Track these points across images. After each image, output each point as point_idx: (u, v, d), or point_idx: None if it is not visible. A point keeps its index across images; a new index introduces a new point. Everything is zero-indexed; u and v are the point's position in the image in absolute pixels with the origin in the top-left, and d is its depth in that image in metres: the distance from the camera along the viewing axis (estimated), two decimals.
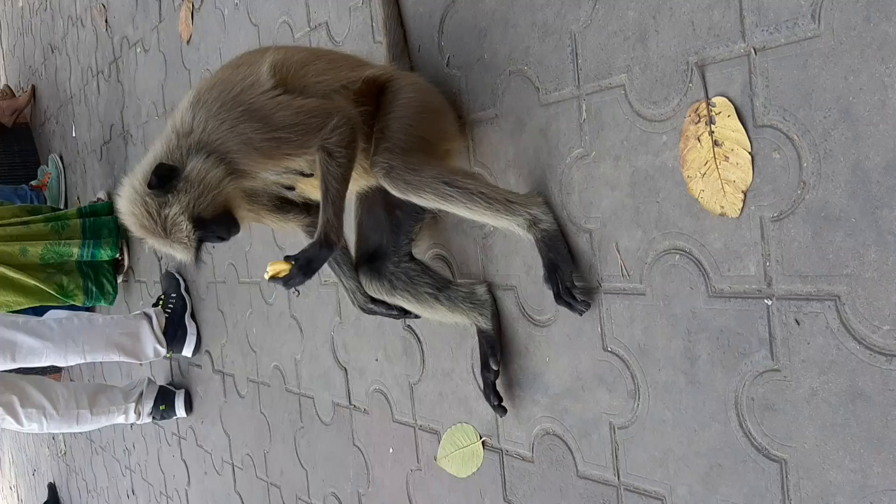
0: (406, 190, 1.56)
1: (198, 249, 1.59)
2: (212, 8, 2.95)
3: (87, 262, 3.86)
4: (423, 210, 1.87)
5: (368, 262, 1.85)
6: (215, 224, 1.57)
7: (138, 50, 3.78)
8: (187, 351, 3.47)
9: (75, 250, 3.70)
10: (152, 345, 3.37)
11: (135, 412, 3.65)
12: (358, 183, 1.75)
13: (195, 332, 3.47)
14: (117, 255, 3.96)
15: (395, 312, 1.88)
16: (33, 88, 5.76)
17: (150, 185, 1.51)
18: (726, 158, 1.26)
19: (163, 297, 3.52)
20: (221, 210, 1.57)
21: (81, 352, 3.22)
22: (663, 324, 1.39)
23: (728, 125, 1.25)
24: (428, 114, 1.68)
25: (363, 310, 1.90)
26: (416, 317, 1.90)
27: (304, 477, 2.72)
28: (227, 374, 3.25)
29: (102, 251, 3.79)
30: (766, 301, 1.23)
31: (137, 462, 4.59)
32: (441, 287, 1.79)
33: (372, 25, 2.07)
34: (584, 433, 1.58)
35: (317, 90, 1.63)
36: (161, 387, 3.70)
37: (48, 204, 5.17)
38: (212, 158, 1.52)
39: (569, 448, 1.62)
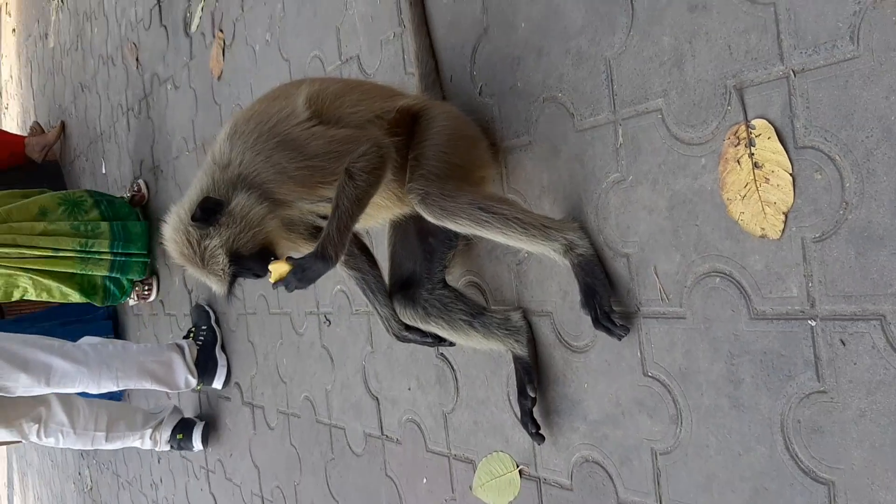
0: (442, 216, 1.57)
1: (231, 283, 1.62)
2: (243, 44, 3.01)
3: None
4: (456, 237, 1.88)
5: (402, 289, 1.86)
6: (252, 261, 1.59)
7: (169, 87, 3.85)
8: (217, 383, 3.49)
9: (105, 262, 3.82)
10: (184, 375, 3.39)
11: (151, 438, 3.67)
12: (391, 211, 1.76)
13: (226, 363, 3.49)
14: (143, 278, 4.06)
15: (429, 340, 1.88)
16: (62, 125, 5.86)
17: (193, 218, 1.53)
18: (767, 180, 1.26)
19: (193, 329, 3.55)
20: (260, 247, 1.59)
21: (115, 378, 3.25)
22: (705, 347, 1.39)
23: (768, 147, 1.25)
24: (461, 141, 1.70)
25: (397, 337, 1.91)
26: (451, 344, 1.90)
27: None
28: (257, 405, 3.25)
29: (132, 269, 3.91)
30: (809, 322, 1.22)
31: (165, 497, 4.58)
32: (475, 314, 1.79)
33: (403, 57, 2.10)
34: (625, 460, 1.56)
35: (351, 121, 1.66)
36: (183, 418, 3.71)
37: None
38: (255, 195, 1.55)
39: (609, 475, 1.60)
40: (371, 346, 2.39)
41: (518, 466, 1.85)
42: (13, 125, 8.41)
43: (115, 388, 3.31)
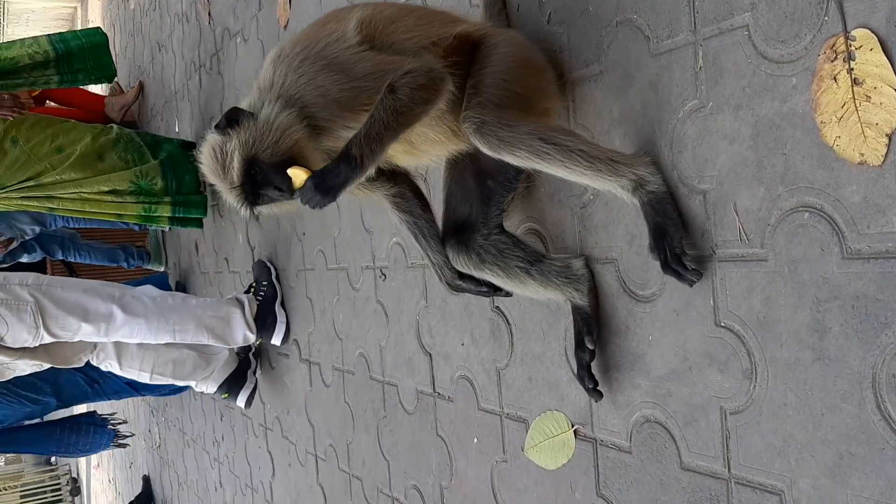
0: (498, 147, 1.45)
1: (249, 193, 1.48)
2: None
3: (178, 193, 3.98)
4: (516, 179, 1.75)
5: (456, 234, 1.74)
6: (272, 171, 1.45)
7: (238, 40, 3.80)
8: (276, 339, 3.44)
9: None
10: (243, 331, 3.35)
11: (195, 384, 3.66)
12: (446, 147, 1.64)
13: (285, 320, 3.44)
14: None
15: (484, 289, 1.76)
16: (140, 85, 5.92)
17: (216, 126, 1.45)
18: (868, 98, 1.09)
19: (254, 284, 3.51)
20: (283, 157, 1.45)
21: (172, 331, 3.23)
22: (788, 293, 1.23)
23: (870, 60, 1.08)
24: (525, 69, 1.57)
25: (451, 286, 1.79)
26: (508, 294, 1.78)
27: (385, 469, 2.62)
28: (314, 362, 3.19)
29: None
30: None
31: (226, 454, 4.60)
32: (533, 261, 1.66)
33: None
34: (691, 420, 1.42)
35: (405, 47, 1.54)
36: (234, 370, 3.65)
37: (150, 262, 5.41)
38: (287, 107, 1.45)
39: (672, 437, 1.46)
40: (425, 301, 2.29)
41: (573, 426, 1.72)
42: (97, 88, 8.59)
43: (172, 341, 3.29)
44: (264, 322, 3.41)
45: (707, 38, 1.33)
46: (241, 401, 3.68)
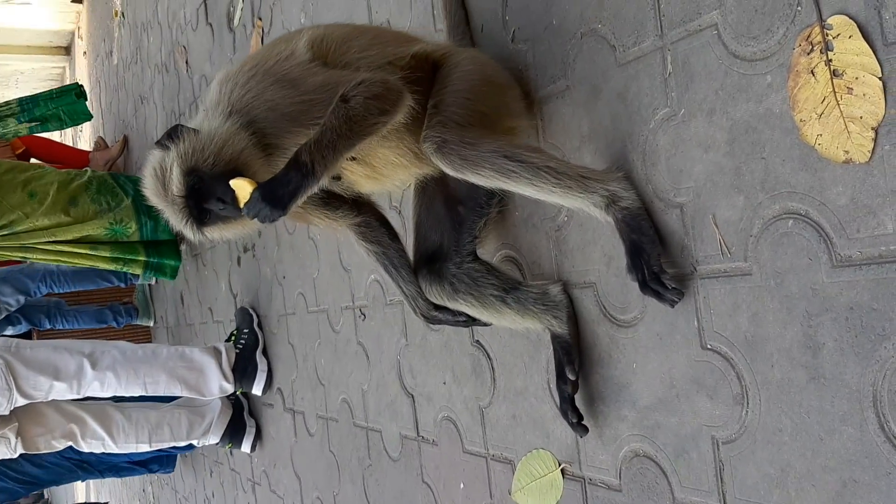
0: (461, 166, 1.36)
1: (192, 209, 1.38)
2: (280, 28, 2.87)
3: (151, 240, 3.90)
4: (488, 204, 1.66)
5: (428, 263, 1.65)
6: (214, 181, 1.35)
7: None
8: (257, 388, 3.32)
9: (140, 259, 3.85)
10: (218, 382, 3.22)
11: (197, 442, 3.53)
12: (409, 171, 1.55)
13: (266, 368, 3.31)
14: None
15: (461, 319, 1.66)
16: (125, 139, 5.88)
17: (157, 142, 1.37)
18: (849, 90, 1.01)
19: (235, 332, 3.40)
20: (225, 168, 1.35)
21: (142, 384, 3.12)
22: (776, 308, 1.13)
23: (850, 48, 1.00)
24: (488, 87, 1.49)
25: (426, 318, 1.69)
26: (486, 324, 1.68)
27: None
28: (298, 411, 3.07)
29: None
30: None
31: None
32: (509, 289, 1.57)
33: (433, 13, 1.91)
34: (681, 452, 1.31)
35: (360, 66, 1.47)
36: (231, 419, 3.52)
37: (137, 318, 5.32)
38: (231, 119, 1.36)
39: (663, 471, 1.35)
40: (405, 339, 2.18)
41: (560, 465, 1.60)
42: (86, 146, 8.57)
43: (144, 393, 3.18)
44: (244, 371, 3.29)
45: (675, 41, 1.25)
46: (245, 447, 3.53)
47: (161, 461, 4.43)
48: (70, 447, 3.40)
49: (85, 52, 8.43)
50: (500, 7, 1.65)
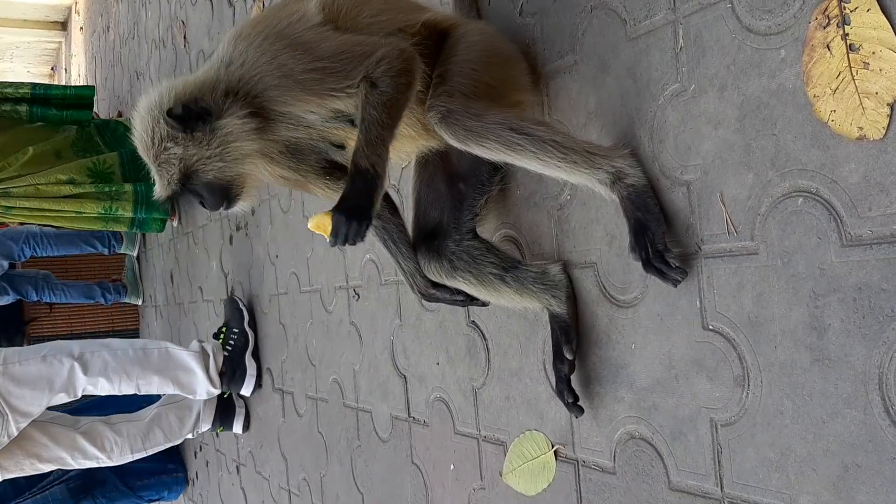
0: (465, 137, 1.33)
1: (173, 197, 1.43)
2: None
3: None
4: (489, 181, 1.64)
5: (427, 240, 1.62)
6: (207, 190, 1.41)
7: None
8: (245, 390, 3.30)
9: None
10: (205, 386, 3.21)
11: (191, 434, 3.50)
12: (416, 142, 1.53)
13: (255, 372, 3.29)
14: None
15: (459, 298, 1.64)
16: (119, 114, 5.83)
17: (170, 113, 1.33)
18: (865, 65, 0.99)
19: (224, 329, 3.36)
20: (222, 184, 1.41)
21: (135, 386, 3.09)
22: (781, 288, 1.11)
23: (867, 22, 0.98)
24: (495, 58, 1.47)
25: (423, 296, 1.67)
26: (483, 304, 1.65)
27: (359, 501, 2.47)
28: (287, 391, 3.04)
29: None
30: None
31: (200, 493, 4.42)
32: (508, 267, 1.54)
33: None
34: (678, 434, 1.29)
35: (370, 31, 1.44)
36: (220, 402, 3.49)
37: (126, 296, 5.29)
38: (252, 119, 1.36)
39: (659, 454, 1.33)
40: (400, 319, 2.16)
41: (553, 447, 1.58)
42: None
43: (137, 393, 3.15)
44: (233, 374, 3.26)
45: (687, 15, 1.23)
46: (237, 428, 3.50)
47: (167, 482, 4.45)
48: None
49: (82, 28, 8.37)
50: None
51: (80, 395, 3.09)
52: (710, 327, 1.22)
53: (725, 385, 1.20)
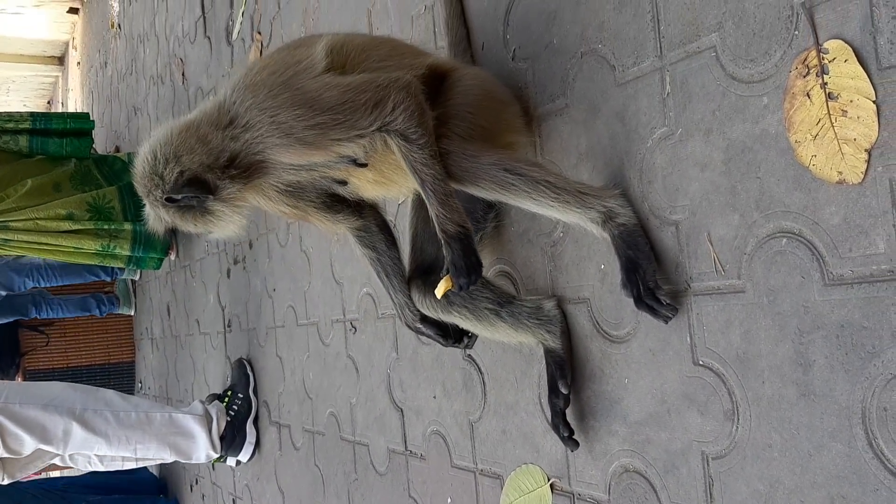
0: (462, 178, 1.38)
1: (172, 231, 1.53)
2: (280, 43, 2.89)
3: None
4: (484, 219, 1.69)
5: (423, 275, 1.66)
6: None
7: (210, 98, 3.77)
8: (243, 456, 3.32)
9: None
10: (206, 451, 3.21)
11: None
12: (412, 182, 1.57)
13: (254, 440, 3.30)
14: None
15: (442, 336, 1.68)
16: (117, 149, 5.88)
17: (175, 188, 1.39)
18: (844, 113, 1.03)
19: (230, 392, 3.35)
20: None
21: (133, 450, 3.09)
22: (768, 325, 1.15)
23: (845, 72, 1.03)
24: (489, 102, 1.52)
25: (411, 328, 1.71)
26: (468, 346, 1.70)
27: None
28: (284, 424, 3.06)
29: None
30: None
31: None
32: (503, 302, 1.58)
33: (434, 31, 1.93)
34: (671, 467, 1.32)
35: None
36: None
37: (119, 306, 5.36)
38: (244, 195, 1.45)
39: (652, 487, 1.36)
40: (396, 353, 2.19)
41: (549, 480, 1.61)
42: None
43: (132, 457, 3.16)
44: (232, 439, 3.26)
45: (674, 62, 1.28)
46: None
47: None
48: None
49: (79, 63, 8.44)
50: (501, 26, 1.68)
51: (70, 452, 3.08)
52: (701, 363, 1.26)
53: (716, 419, 1.24)
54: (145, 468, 4.82)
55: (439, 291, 1.47)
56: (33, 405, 2.99)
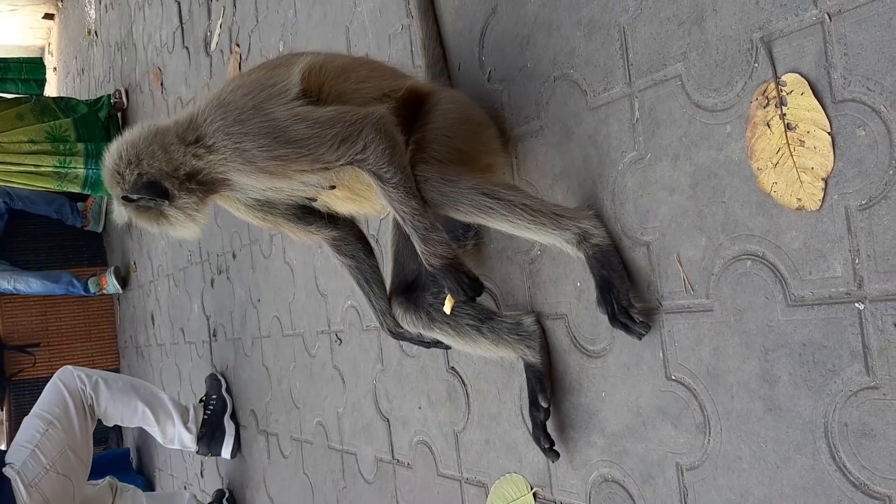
0: (441, 202, 1.42)
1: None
2: (258, 55, 2.92)
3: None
4: (464, 236, 1.73)
5: (405, 292, 1.70)
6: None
7: (189, 106, 3.79)
8: (226, 452, 3.42)
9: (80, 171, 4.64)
10: (176, 431, 3.36)
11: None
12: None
13: (234, 432, 3.42)
14: None
15: (425, 341, 1.73)
16: None
17: (134, 188, 1.43)
18: (802, 143, 1.09)
19: (204, 397, 3.53)
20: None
21: (119, 415, 3.29)
22: (735, 343, 1.21)
23: (802, 104, 1.08)
24: (467, 125, 1.56)
25: (392, 334, 1.75)
26: (447, 347, 1.74)
27: None
28: (271, 433, 3.10)
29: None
30: (856, 305, 1.04)
31: None
32: (484, 319, 1.63)
33: (412, 50, 1.98)
34: (648, 477, 1.38)
35: (356, 97, 1.51)
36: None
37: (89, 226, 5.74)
38: (202, 205, 1.49)
39: (630, 495, 1.42)
40: (381, 364, 2.24)
41: (532, 489, 1.66)
42: None
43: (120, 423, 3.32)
44: (212, 436, 3.40)
45: (642, 89, 1.33)
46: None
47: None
48: None
49: (55, 68, 8.40)
50: (476, 48, 1.73)
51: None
52: (673, 377, 1.32)
53: (689, 431, 1.29)
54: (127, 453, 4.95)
55: (447, 308, 1.53)
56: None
